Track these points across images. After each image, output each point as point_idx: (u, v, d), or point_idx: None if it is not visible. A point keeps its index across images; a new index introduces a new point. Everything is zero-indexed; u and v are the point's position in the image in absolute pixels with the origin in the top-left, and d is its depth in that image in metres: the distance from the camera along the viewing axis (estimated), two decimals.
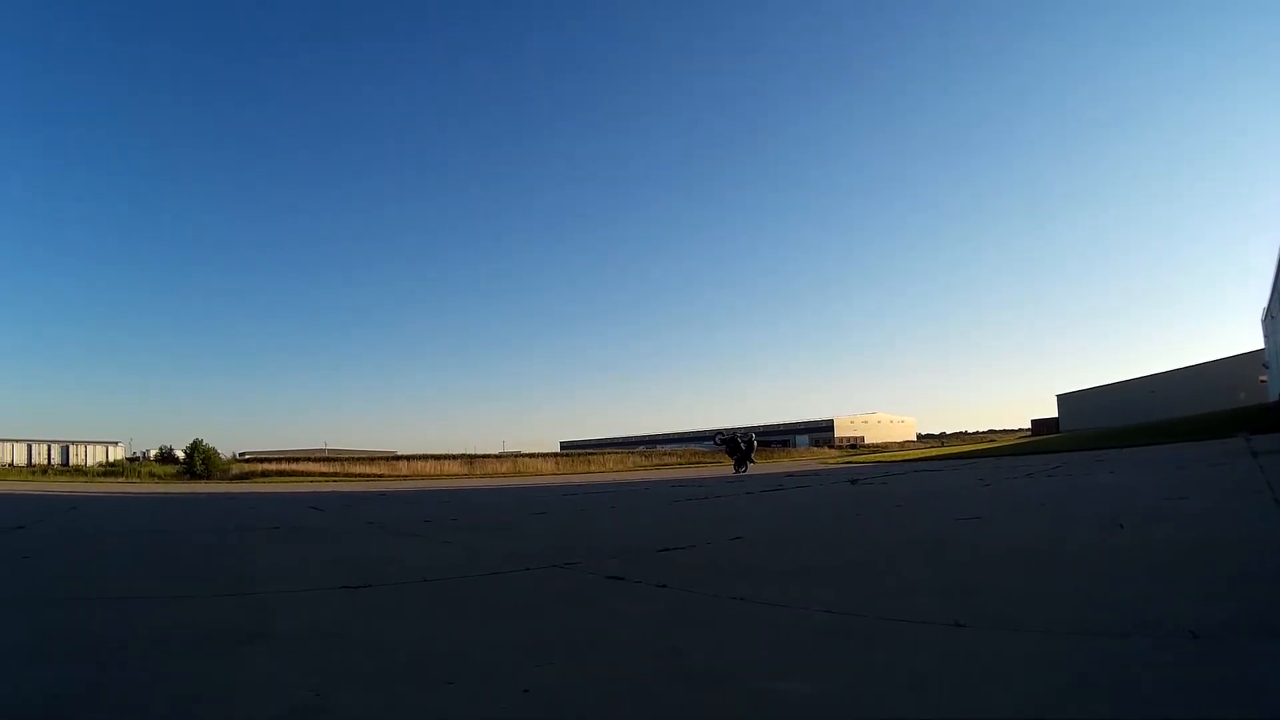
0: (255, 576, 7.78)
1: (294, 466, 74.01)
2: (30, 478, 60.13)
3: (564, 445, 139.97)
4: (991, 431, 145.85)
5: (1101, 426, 69.79)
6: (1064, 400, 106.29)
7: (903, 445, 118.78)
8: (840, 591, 5.69)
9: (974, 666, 3.68)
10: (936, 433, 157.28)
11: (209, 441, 71.78)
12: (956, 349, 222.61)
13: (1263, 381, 62.34)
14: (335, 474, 68.18)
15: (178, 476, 65.38)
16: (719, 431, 37.81)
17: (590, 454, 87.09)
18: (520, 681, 3.74)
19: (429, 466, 73.32)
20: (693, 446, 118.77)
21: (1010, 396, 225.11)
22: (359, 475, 65.55)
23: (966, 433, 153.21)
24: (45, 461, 77.01)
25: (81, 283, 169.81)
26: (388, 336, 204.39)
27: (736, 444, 37.29)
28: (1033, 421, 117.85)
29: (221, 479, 62.68)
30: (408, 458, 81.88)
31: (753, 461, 37.29)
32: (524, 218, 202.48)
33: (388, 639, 4.80)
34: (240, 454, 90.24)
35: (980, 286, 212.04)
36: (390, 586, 6.91)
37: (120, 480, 59.34)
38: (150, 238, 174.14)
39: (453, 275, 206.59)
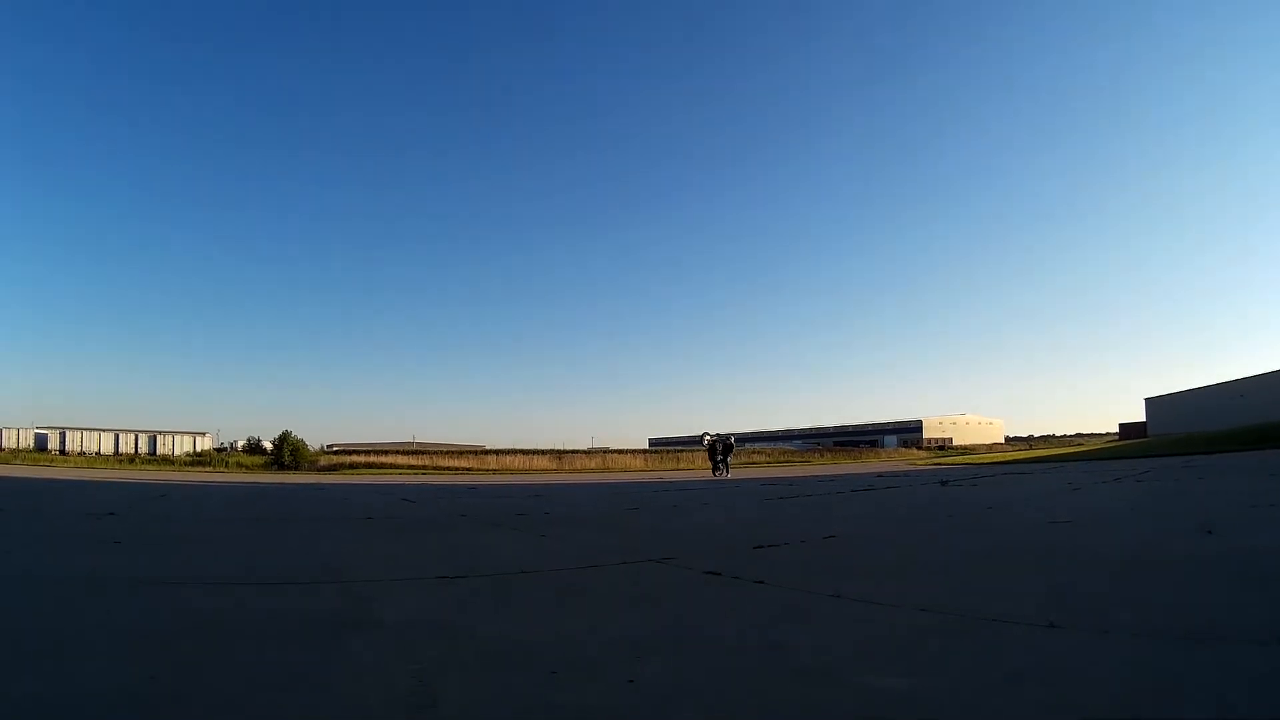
0: (351, 565, 7.78)
1: (382, 459, 73.46)
2: (118, 466, 61.22)
3: (652, 442, 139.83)
4: (1079, 435, 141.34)
5: (1190, 431, 67.01)
6: (1152, 404, 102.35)
7: (990, 448, 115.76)
8: (935, 591, 5.65)
9: (1069, 665, 3.65)
10: (1024, 435, 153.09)
11: (297, 434, 73.16)
12: (1045, 351, 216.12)
13: None
14: (424, 466, 68.06)
15: (265, 467, 65.85)
16: (706, 434, 37.71)
17: (679, 451, 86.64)
18: (625, 672, 3.76)
19: (518, 461, 73.17)
20: (781, 445, 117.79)
21: (1098, 400, 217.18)
22: (448, 468, 65.26)
23: (1054, 436, 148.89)
24: (133, 450, 77.91)
25: (173, 275, 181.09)
26: (478, 332, 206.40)
27: (714, 448, 37.57)
28: (1120, 425, 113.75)
29: (310, 470, 62.99)
30: (496, 452, 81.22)
31: (727, 465, 37.26)
32: (622, 215, 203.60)
33: (488, 629, 4.78)
34: (328, 446, 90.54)
35: (1071, 287, 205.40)
36: (487, 577, 6.91)
37: (208, 469, 59.77)
38: (245, 235, 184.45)
39: (542, 276, 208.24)
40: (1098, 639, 4.13)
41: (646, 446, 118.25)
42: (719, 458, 36.51)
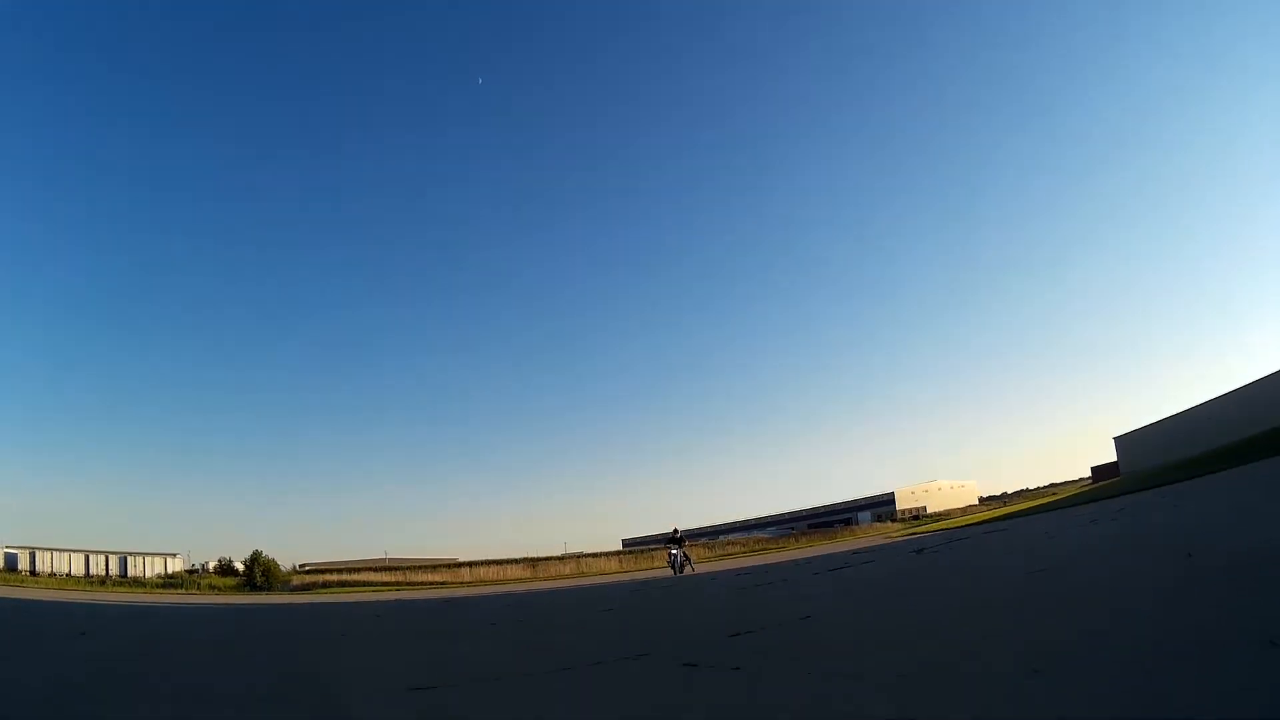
0: (326, 675, 8.03)
1: (355, 576, 75.28)
2: (89, 588, 60.53)
3: (626, 543, 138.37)
4: (1052, 485, 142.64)
5: (1162, 462, 67.95)
6: (1121, 442, 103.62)
7: (965, 510, 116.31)
8: (910, 654, 5.64)
9: (1052, 707, 3.65)
10: (998, 494, 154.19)
11: (268, 553, 72.73)
12: (1009, 405, 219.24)
13: None
14: (398, 583, 68.94)
15: (238, 588, 66.27)
16: (675, 527, 36.51)
17: (654, 549, 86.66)
18: None
19: (492, 572, 73.88)
20: (756, 534, 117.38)
21: (1068, 446, 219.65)
22: (421, 583, 66.24)
23: (1028, 489, 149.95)
24: (103, 572, 76.43)
25: (134, 395, 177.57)
26: (445, 445, 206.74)
27: (671, 551, 36.34)
28: (1092, 469, 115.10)
29: (282, 590, 63.39)
30: (470, 564, 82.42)
31: (689, 559, 36.30)
32: (563, 312, 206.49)
33: None
34: (300, 565, 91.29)
35: (1027, 335, 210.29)
36: (460, 685, 6.95)
37: (180, 592, 59.88)
38: (200, 350, 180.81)
39: (502, 379, 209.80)
40: (1086, 674, 4.12)
41: (620, 547, 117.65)
42: (676, 557, 35.41)
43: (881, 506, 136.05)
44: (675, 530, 35.36)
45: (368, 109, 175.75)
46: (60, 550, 77.57)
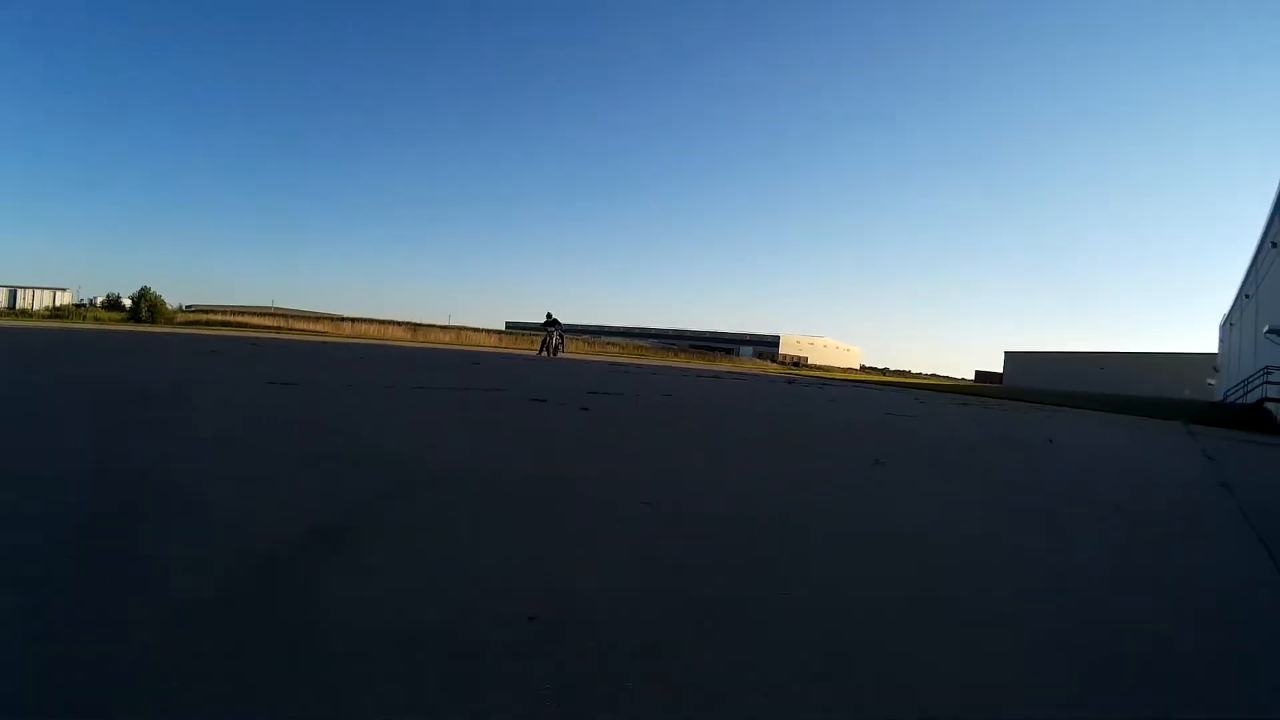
0: (195, 376, 7.87)
1: (239, 318, 75.18)
2: None
3: (509, 324, 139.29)
4: (935, 375, 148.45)
5: (1045, 389, 71.10)
6: (1011, 357, 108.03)
7: (845, 371, 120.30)
8: (761, 429, 5.70)
9: (889, 485, 3.65)
10: (880, 367, 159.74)
11: (156, 291, 72.38)
12: (911, 289, 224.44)
13: (1210, 384, 64.14)
14: (279, 327, 68.92)
15: (122, 321, 66.04)
16: (549, 313, 34.47)
17: (534, 334, 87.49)
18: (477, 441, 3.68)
19: (373, 329, 73.95)
20: (637, 341, 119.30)
21: (957, 346, 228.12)
22: (303, 330, 66.21)
23: (910, 372, 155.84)
24: None
25: (35, 123, 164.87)
26: (340, 199, 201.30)
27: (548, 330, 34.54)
28: (976, 372, 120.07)
29: (166, 325, 63.21)
30: (352, 320, 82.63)
31: (563, 345, 35.20)
32: (482, 99, 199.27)
33: (308, 418, 4.71)
34: (186, 306, 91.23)
35: (946, 230, 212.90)
36: (317, 388, 7.20)
37: (65, 321, 59.40)
38: (110, 83, 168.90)
39: (418, 139, 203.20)
40: (912, 470, 4.16)
41: (503, 328, 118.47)
42: (550, 336, 33.83)
43: (766, 346, 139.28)
44: (549, 315, 34.50)
45: None
46: None
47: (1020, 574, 2.53)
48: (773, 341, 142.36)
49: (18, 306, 76.51)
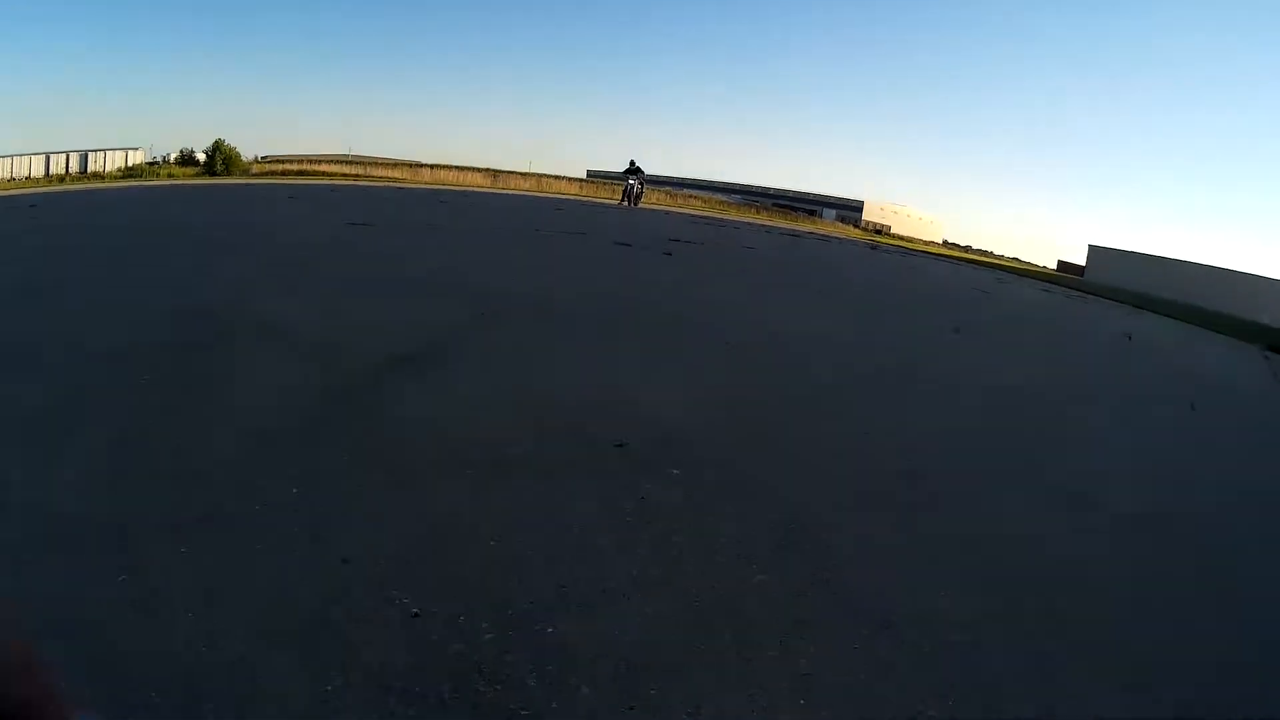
0: (266, 222, 8.02)
1: (315, 167, 74.81)
2: (48, 185, 59.92)
3: (590, 173, 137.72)
4: (1017, 259, 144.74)
5: (1125, 288, 69.16)
6: (1095, 251, 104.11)
7: (927, 244, 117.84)
8: (836, 282, 5.76)
9: (963, 348, 3.74)
10: (963, 244, 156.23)
11: (232, 144, 72.13)
12: (998, 166, 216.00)
13: None
14: (357, 175, 68.79)
15: (197, 176, 66.02)
16: (633, 160, 32.33)
17: (615, 183, 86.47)
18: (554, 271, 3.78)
19: (452, 176, 73.24)
20: (719, 196, 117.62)
21: (1042, 232, 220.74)
22: (381, 178, 66.18)
23: (991, 253, 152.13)
24: (64, 171, 76.57)
25: None
26: (417, 43, 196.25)
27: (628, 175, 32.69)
28: (1059, 261, 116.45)
29: (242, 176, 63.30)
30: (431, 166, 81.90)
31: (641, 195, 33.71)
32: None
33: (387, 251, 4.88)
34: (262, 157, 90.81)
35: (1036, 105, 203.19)
36: (396, 227, 7.14)
37: (138, 180, 59.26)
38: None
39: None
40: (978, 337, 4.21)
41: (584, 176, 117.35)
42: (631, 187, 32.49)
43: (849, 210, 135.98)
44: (632, 162, 33.22)
45: None
46: (19, 156, 75.52)
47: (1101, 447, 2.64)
48: (856, 206, 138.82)
49: (90, 169, 77.17)
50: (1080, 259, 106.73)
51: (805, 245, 15.51)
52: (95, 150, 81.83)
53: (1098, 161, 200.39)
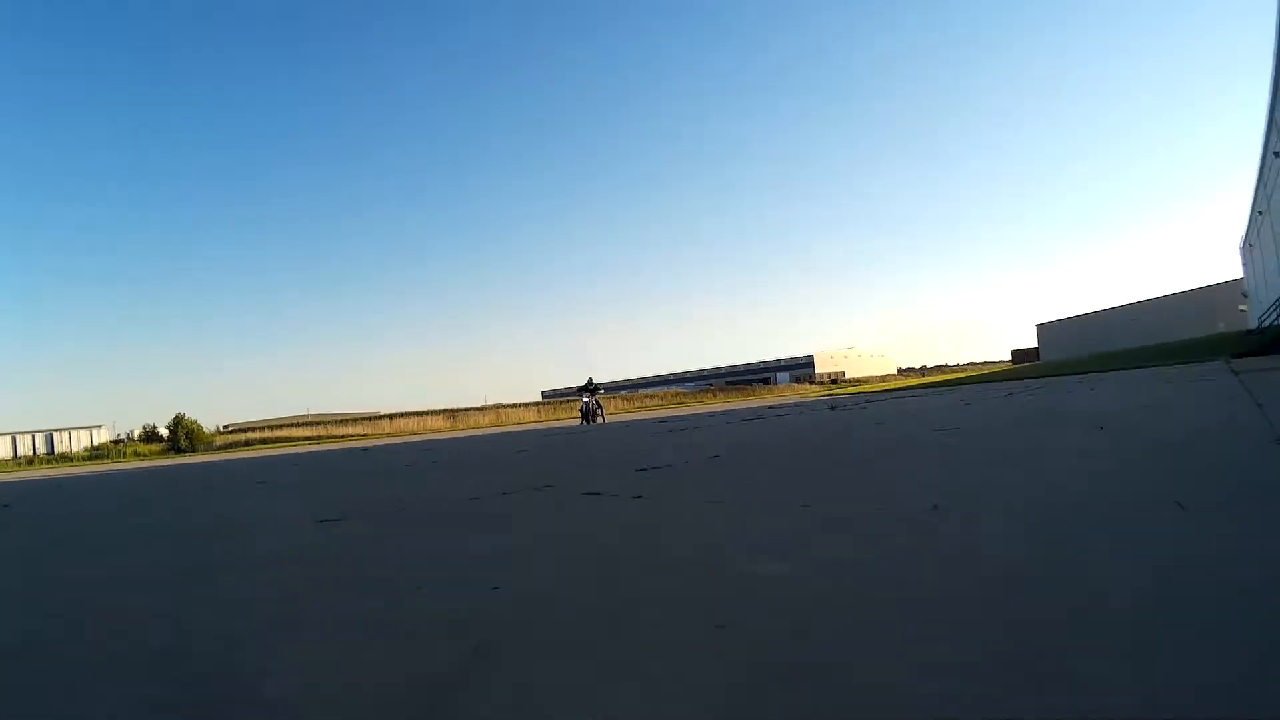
0: (234, 520, 7.93)
1: (277, 433, 77.58)
2: (17, 468, 61.62)
3: (545, 394, 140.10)
4: (972, 363, 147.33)
5: (1081, 355, 70.41)
6: (1043, 329, 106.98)
7: (883, 378, 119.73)
8: (819, 491, 5.70)
9: (953, 543, 3.67)
10: (917, 366, 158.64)
11: (192, 416, 74.15)
12: (936, 279, 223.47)
13: (1242, 310, 63.41)
14: (319, 436, 70.51)
15: (163, 453, 67.71)
16: (590, 379, 35.35)
17: (572, 400, 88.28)
18: (490, 581, 3.72)
19: (412, 423, 75.63)
20: (674, 388, 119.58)
21: (989, 329, 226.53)
22: (342, 436, 67.69)
23: (947, 365, 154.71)
24: (30, 452, 78.51)
25: (53, 268, 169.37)
26: (366, 299, 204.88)
27: (585, 402, 35.41)
28: (1012, 352, 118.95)
29: (206, 451, 64.49)
30: (390, 416, 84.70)
31: (601, 411, 35.67)
32: (486, 166, 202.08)
33: (361, 559, 4.80)
34: (224, 426, 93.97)
35: (959, 214, 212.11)
36: (367, 517, 6.98)
37: (105, 461, 61.07)
38: (119, 216, 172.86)
39: (428, 232, 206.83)
40: (982, 518, 4.16)
41: (539, 399, 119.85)
42: (587, 405, 34.37)
43: (800, 369, 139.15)
44: (589, 380, 35.39)
45: None
46: None
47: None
48: (807, 362, 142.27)
49: (57, 450, 78.97)
50: (1030, 339, 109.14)
51: (769, 428, 15.59)
52: (60, 430, 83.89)
53: (1021, 243, 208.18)
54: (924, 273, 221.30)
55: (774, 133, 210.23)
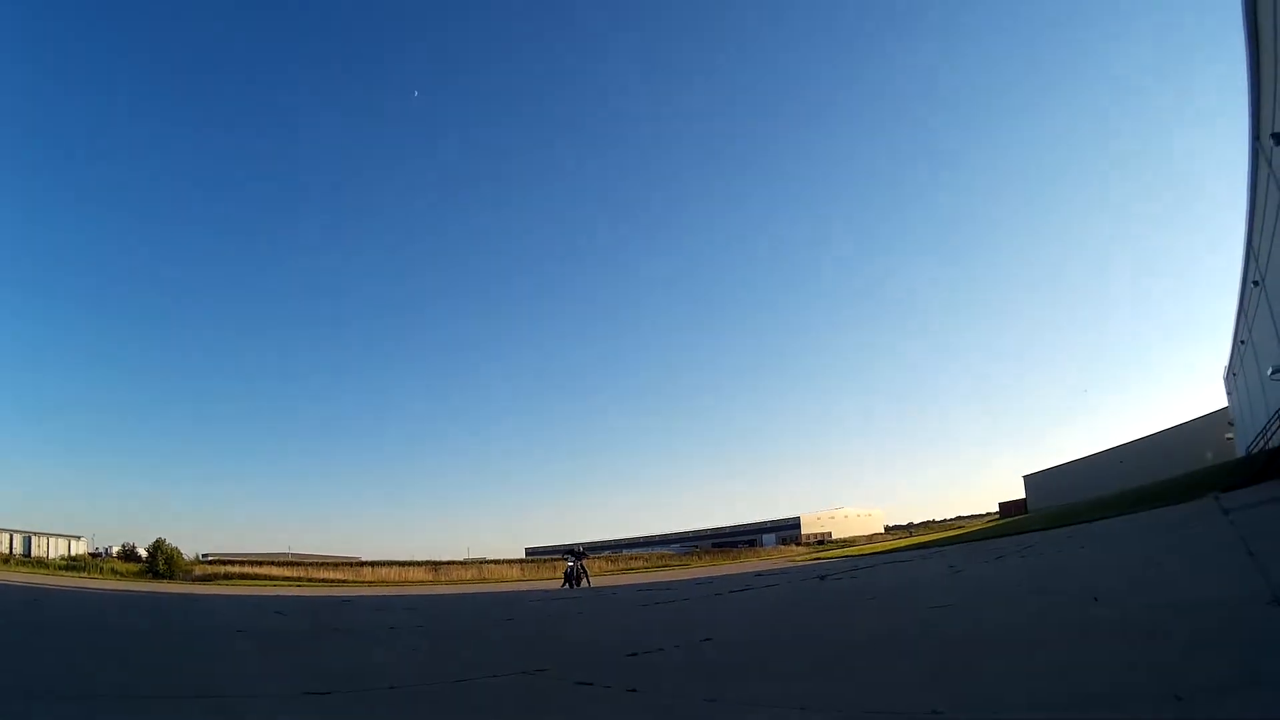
0: (221, 681, 7.65)
1: (257, 569, 76.31)
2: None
3: (529, 551, 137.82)
4: (959, 518, 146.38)
5: (1070, 502, 70.12)
6: (1031, 480, 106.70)
7: (870, 538, 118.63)
8: (815, 687, 5.59)
9: None
10: (904, 523, 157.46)
11: (171, 541, 73.47)
12: (919, 438, 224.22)
13: (1229, 439, 63.62)
14: (299, 578, 69.16)
15: (140, 574, 66.39)
16: (571, 549, 35.94)
17: (556, 560, 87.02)
18: None
19: (393, 573, 74.11)
20: (659, 550, 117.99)
21: (976, 481, 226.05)
22: (322, 580, 66.27)
23: (934, 521, 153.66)
24: (7, 551, 76.79)
25: (48, 376, 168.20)
26: (352, 442, 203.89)
27: (569, 568, 36.03)
28: (1000, 504, 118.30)
29: (184, 579, 63.26)
30: (372, 564, 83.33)
31: (586, 574, 36.02)
32: (483, 319, 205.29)
33: None
34: (203, 555, 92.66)
35: (939, 373, 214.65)
36: (355, 694, 6.77)
37: (82, 575, 59.67)
38: (115, 330, 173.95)
39: (415, 380, 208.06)
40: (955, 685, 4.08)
41: (523, 556, 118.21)
42: (572, 569, 34.56)
43: (786, 530, 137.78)
44: (576, 546, 35.56)
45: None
46: None
47: None
48: (793, 524, 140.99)
49: (33, 554, 76.53)
50: (1017, 491, 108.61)
51: (755, 601, 15.40)
52: (39, 534, 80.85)
53: (1001, 394, 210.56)
54: (909, 431, 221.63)
55: (755, 309, 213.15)
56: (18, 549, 77.56)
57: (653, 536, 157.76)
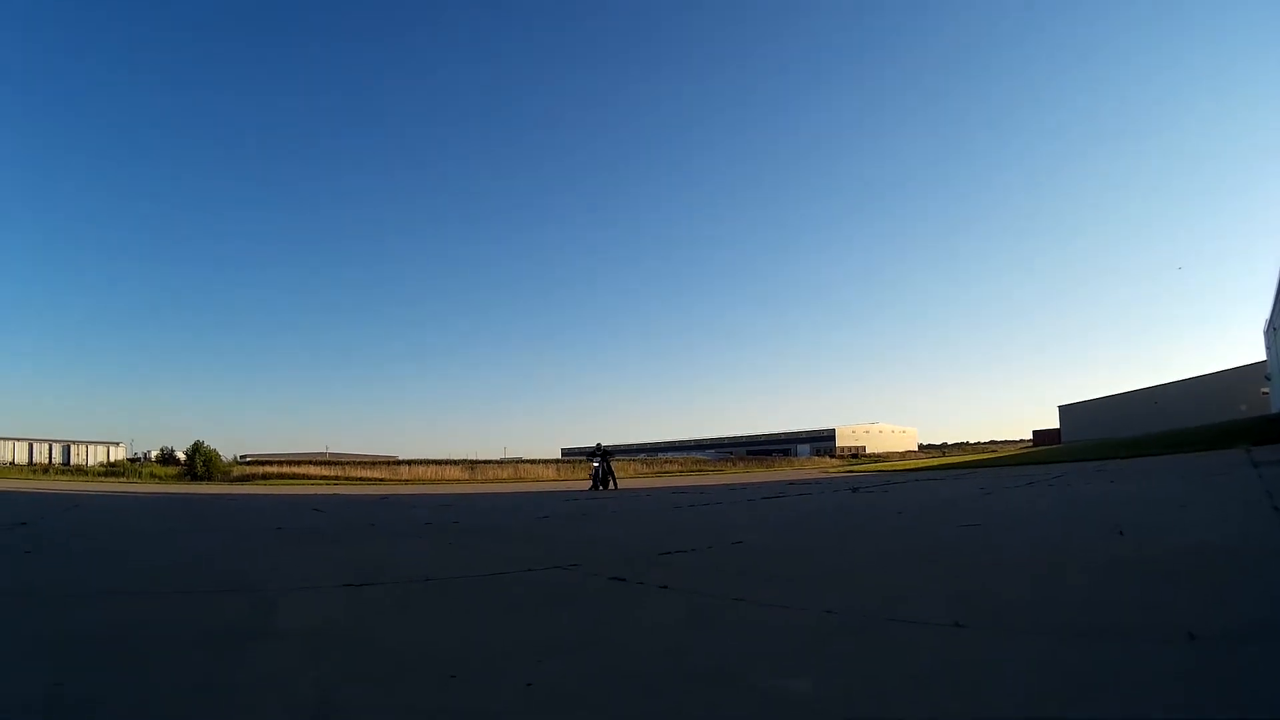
0: (258, 575, 7.87)
1: (295, 470, 76.69)
2: (31, 476, 61.55)
3: (565, 452, 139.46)
4: (993, 442, 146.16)
5: (1103, 437, 69.57)
6: (1066, 411, 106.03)
7: (904, 455, 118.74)
8: (841, 595, 5.71)
9: (974, 666, 3.69)
10: (938, 443, 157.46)
11: (210, 444, 73.74)
12: (958, 359, 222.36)
13: (1264, 394, 62.47)
14: (336, 477, 69.57)
15: (179, 478, 67.03)
16: (595, 448, 34.08)
17: (588, 462, 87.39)
18: (523, 677, 3.74)
19: (430, 472, 74.56)
20: (694, 455, 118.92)
21: (1012, 408, 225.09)
22: (360, 479, 66.79)
23: (968, 443, 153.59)
24: (46, 460, 78.08)
25: (84, 282, 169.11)
26: (390, 339, 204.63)
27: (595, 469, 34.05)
28: (1034, 433, 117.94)
29: (222, 481, 63.80)
30: (409, 462, 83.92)
31: (612, 476, 34.33)
32: (526, 219, 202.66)
33: (390, 637, 4.81)
34: (241, 456, 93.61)
35: (983, 296, 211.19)
36: (391, 585, 7.01)
37: (121, 480, 60.76)
38: (155, 237, 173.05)
39: (459, 279, 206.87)
40: (1005, 638, 4.20)
41: (559, 456, 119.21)
42: (597, 470, 33.57)
43: (821, 441, 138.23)
44: (599, 445, 34.54)
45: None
46: (4, 439, 78.48)
47: None
48: (828, 435, 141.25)
49: (73, 462, 78.66)
50: (1052, 420, 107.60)
51: (789, 507, 15.59)
52: (77, 442, 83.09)
53: (1045, 319, 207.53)
54: (949, 351, 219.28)
55: (805, 234, 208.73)
56: (57, 458, 79.41)
57: (688, 441, 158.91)
